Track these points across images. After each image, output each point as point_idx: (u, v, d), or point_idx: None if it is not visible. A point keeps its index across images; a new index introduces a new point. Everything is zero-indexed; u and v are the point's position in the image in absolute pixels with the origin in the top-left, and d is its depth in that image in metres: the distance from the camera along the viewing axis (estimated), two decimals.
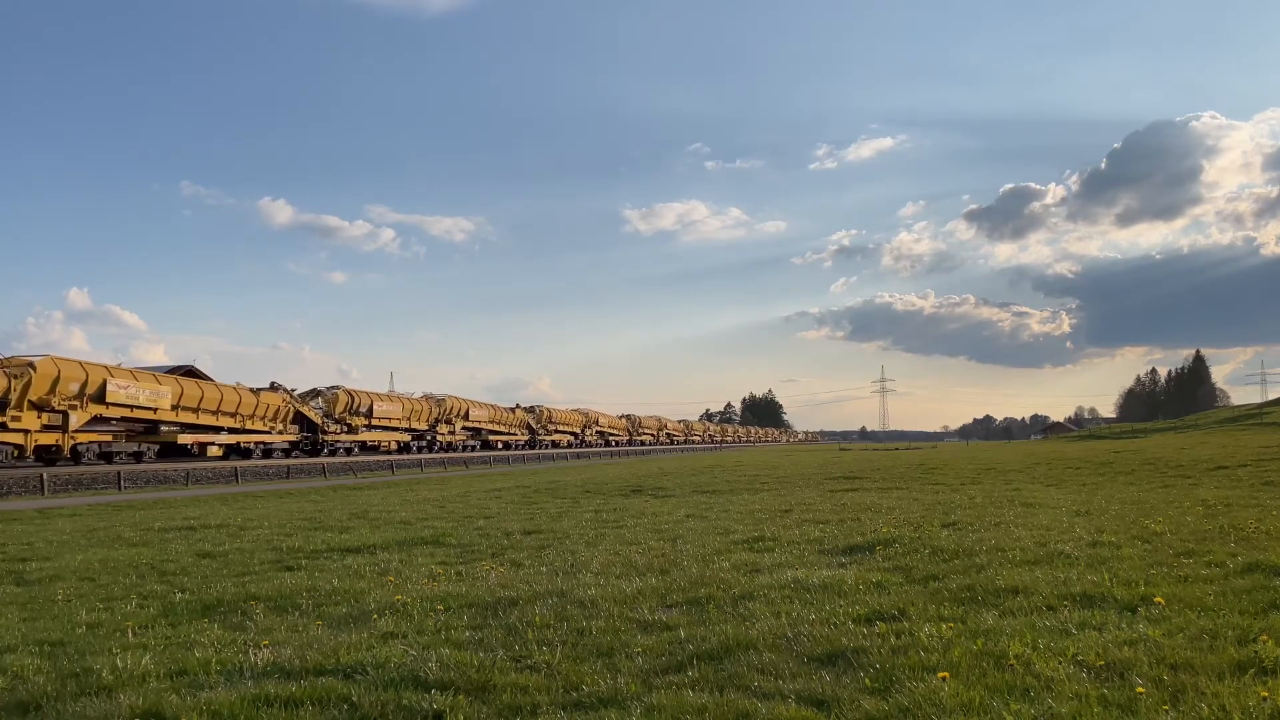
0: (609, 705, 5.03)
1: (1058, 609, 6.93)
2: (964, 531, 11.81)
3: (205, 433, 39.74)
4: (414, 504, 21.42)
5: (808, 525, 13.36)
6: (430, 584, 8.97)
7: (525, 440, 71.94)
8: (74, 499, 26.81)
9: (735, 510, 16.82)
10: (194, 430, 39.21)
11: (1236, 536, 10.53)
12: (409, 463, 49.90)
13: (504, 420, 69.32)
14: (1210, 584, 7.65)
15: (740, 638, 6.25)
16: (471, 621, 7.19)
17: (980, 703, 4.75)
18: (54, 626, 7.51)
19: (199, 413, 39.01)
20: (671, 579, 8.75)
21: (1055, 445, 78.53)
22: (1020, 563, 9.03)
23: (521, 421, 72.09)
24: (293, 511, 20.24)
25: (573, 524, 14.93)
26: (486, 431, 66.61)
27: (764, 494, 22.02)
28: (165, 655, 6.33)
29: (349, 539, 13.29)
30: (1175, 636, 5.94)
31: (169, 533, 15.22)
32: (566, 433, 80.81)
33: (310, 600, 8.29)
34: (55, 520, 18.98)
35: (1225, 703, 4.60)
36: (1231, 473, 24.92)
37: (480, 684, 5.41)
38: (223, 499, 26.03)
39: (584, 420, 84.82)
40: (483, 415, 65.88)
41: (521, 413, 72.96)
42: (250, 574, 10.20)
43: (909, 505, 16.80)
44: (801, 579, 8.37)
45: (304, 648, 6.40)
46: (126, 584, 9.72)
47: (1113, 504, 15.76)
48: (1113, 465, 31.24)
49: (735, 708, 4.87)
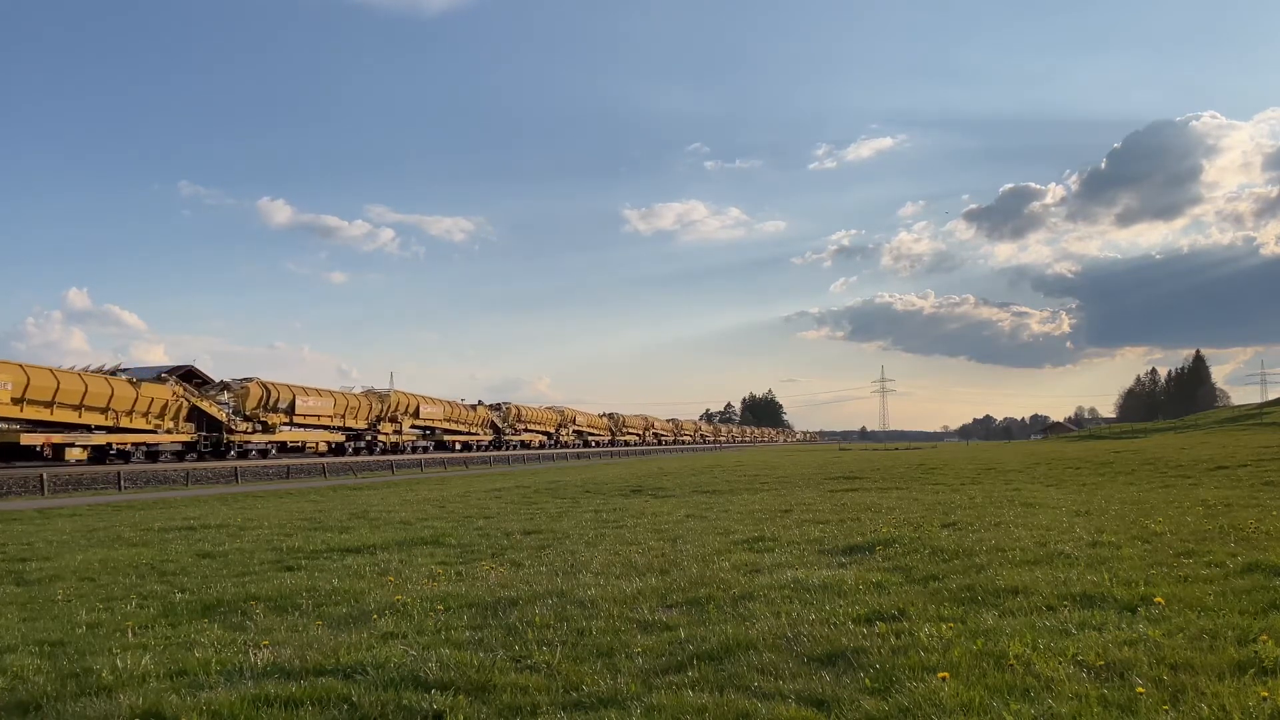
0: (609, 705, 5.03)
1: (1058, 609, 6.93)
2: (964, 531, 11.81)
3: (63, 431, 34.05)
4: (414, 504, 21.43)
5: (808, 525, 13.36)
6: (430, 584, 8.97)
7: (489, 440, 67.14)
8: (74, 499, 26.82)
9: (735, 510, 16.82)
10: (46, 429, 33.42)
11: (1236, 536, 10.53)
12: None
13: (462, 418, 64.10)
14: (1210, 584, 7.65)
15: (740, 638, 6.25)
16: (471, 621, 7.19)
17: (980, 703, 4.75)
18: (54, 626, 7.51)
19: (54, 407, 33.17)
20: (671, 579, 8.75)
21: (1055, 445, 78.54)
22: (1020, 563, 9.03)
23: (484, 420, 67.14)
24: (293, 511, 20.25)
25: (573, 524, 14.93)
26: (441, 430, 61.51)
27: (764, 494, 22.02)
28: (165, 655, 6.33)
29: (349, 539, 13.29)
30: (1175, 636, 5.94)
31: (169, 533, 15.23)
32: (539, 432, 76.00)
33: (310, 600, 8.29)
34: (55, 520, 18.98)
35: (1225, 703, 4.59)
36: (1231, 473, 24.93)
37: (480, 684, 5.41)
38: (222, 499, 26.04)
39: (559, 419, 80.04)
40: (436, 412, 60.36)
41: (484, 410, 67.84)
42: (250, 574, 10.20)
43: (909, 505, 16.80)
44: (801, 579, 8.37)
45: (304, 648, 6.40)
46: (126, 584, 9.72)
47: (1113, 504, 15.76)
48: (1113, 465, 31.25)
49: (735, 708, 4.87)
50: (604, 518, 16.02)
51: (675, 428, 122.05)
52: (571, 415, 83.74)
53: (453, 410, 62.84)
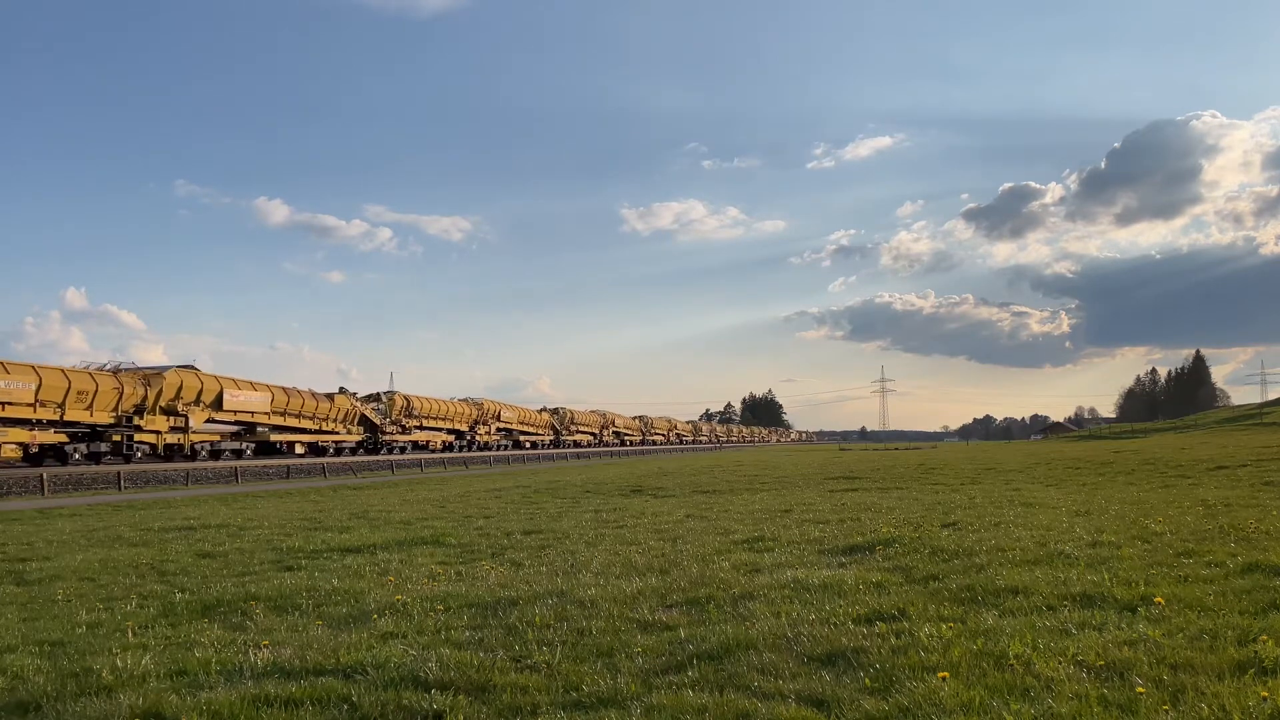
0: (609, 705, 5.03)
1: (1058, 609, 6.93)
2: (964, 531, 11.81)
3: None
4: (414, 504, 21.42)
5: (808, 525, 13.36)
6: (430, 584, 8.97)
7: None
8: (74, 499, 26.81)
9: (735, 510, 16.82)
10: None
11: (1236, 536, 10.53)
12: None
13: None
14: (1210, 584, 7.65)
15: (740, 638, 6.25)
16: (471, 621, 7.19)
17: (980, 703, 4.75)
18: (54, 626, 7.51)
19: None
20: (671, 579, 8.74)
21: (1055, 445, 78.56)
22: (1020, 563, 9.03)
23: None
24: (292, 511, 20.24)
25: (573, 524, 14.94)
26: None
27: (764, 494, 22.03)
28: (165, 655, 6.33)
29: (349, 539, 13.28)
30: (1175, 636, 5.94)
31: (169, 533, 15.22)
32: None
33: (310, 600, 8.29)
34: (55, 520, 18.98)
35: (1225, 703, 4.59)
36: (1231, 473, 24.93)
37: (480, 684, 5.41)
38: (222, 499, 26.03)
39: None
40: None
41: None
42: (250, 574, 10.20)
43: (909, 505, 16.80)
44: (801, 579, 8.37)
45: (304, 648, 6.40)
46: (126, 584, 9.72)
47: (1113, 504, 15.76)
48: (1112, 465, 31.26)
49: (735, 708, 4.87)
50: (604, 518, 16.02)
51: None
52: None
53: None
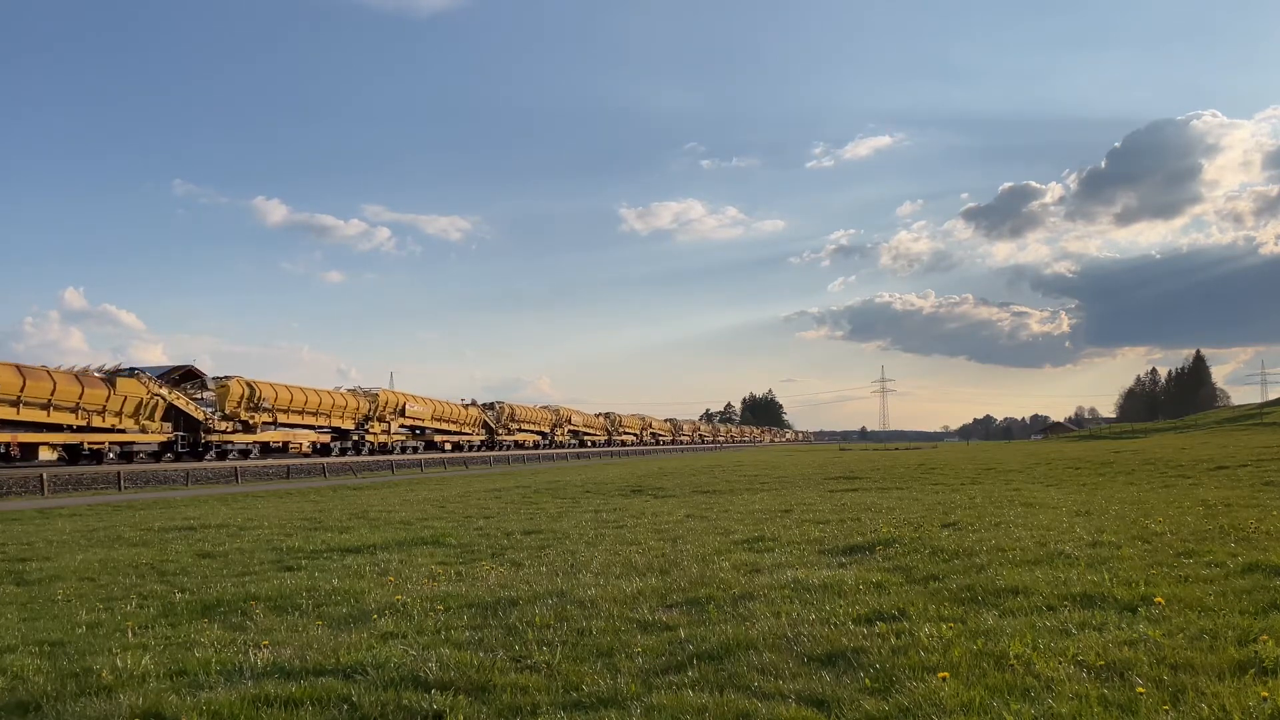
0: (609, 705, 5.03)
1: (1058, 609, 6.93)
2: (964, 531, 11.81)
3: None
4: (414, 504, 21.44)
5: (808, 525, 13.36)
6: (430, 584, 8.97)
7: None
8: (74, 499, 26.82)
9: (735, 510, 16.82)
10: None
11: (1236, 536, 10.52)
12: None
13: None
14: (1210, 584, 7.65)
15: (740, 638, 6.25)
16: (471, 621, 7.19)
17: (980, 703, 4.75)
18: (54, 626, 7.51)
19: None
20: (671, 579, 8.74)
21: (1055, 445, 78.56)
22: (1020, 563, 9.03)
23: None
24: (293, 511, 20.25)
25: (573, 524, 14.94)
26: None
27: (764, 494, 22.03)
28: (165, 655, 6.33)
29: (349, 539, 13.29)
30: (1175, 636, 5.94)
31: (169, 533, 15.23)
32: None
33: (310, 600, 8.29)
34: (55, 520, 18.99)
35: (1225, 703, 4.59)
36: (1231, 473, 24.93)
37: (480, 684, 5.41)
38: (223, 499, 26.04)
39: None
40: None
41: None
42: (250, 574, 10.20)
43: (909, 505, 16.80)
44: (801, 579, 8.37)
45: (304, 648, 6.40)
46: (126, 584, 9.72)
47: (1113, 504, 15.75)
48: (1113, 465, 31.25)
49: (735, 708, 4.87)
50: (604, 518, 16.02)
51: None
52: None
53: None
